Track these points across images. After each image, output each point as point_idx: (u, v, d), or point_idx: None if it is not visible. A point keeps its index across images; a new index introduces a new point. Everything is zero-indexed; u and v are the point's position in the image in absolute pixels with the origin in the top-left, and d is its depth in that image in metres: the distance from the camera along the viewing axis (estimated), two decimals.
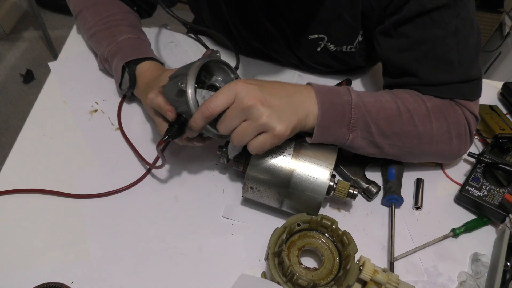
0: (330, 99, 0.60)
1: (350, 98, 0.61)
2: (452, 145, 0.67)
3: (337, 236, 0.62)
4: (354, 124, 0.61)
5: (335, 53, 0.79)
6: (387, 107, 0.63)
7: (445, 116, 0.66)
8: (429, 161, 0.74)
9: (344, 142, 0.62)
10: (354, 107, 0.61)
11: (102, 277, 0.59)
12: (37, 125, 0.75)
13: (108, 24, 0.78)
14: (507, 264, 0.61)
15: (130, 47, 0.75)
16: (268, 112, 0.54)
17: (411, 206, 0.71)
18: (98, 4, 0.80)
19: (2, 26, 2.17)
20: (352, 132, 0.61)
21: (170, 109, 0.59)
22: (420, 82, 0.67)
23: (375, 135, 0.62)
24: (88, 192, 0.67)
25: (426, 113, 0.65)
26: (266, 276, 0.59)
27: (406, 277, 0.62)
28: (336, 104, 0.60)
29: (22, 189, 0.66)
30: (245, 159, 0.64)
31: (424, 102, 0.66)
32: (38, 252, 0.61)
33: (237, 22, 0.81)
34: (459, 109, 0.67)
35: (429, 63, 0.66)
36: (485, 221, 0.68)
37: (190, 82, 0.56)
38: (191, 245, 0.63)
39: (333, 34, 0.76)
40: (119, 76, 0.74)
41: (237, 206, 0.68)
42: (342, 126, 0.60)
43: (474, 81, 0.67)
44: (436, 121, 0.65)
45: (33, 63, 2.10)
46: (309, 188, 0.60)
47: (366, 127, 0.62)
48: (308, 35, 0.77)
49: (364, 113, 0.61)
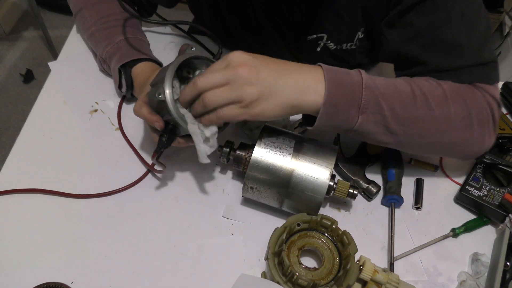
0: (339, 77, 0.57)
1: (361, 79, 0.57)
2: (474, 133, 0.62)
3: (337, 236, 0.62)
4: (365, 106, 0.56)
5: (335, 52, 0.79)
6: (401, 89, 0.60)
7: (464, 98, 0.61)
8: (451, 155, 0.67)
9: (353, 125, 0.58)
10: (365, 88, 0.57)
11: (102, 277, 0.59)
12: (37, 125, 0.75)
13: (107, 24, 0.78)
14: (507, 264, 0.61)
15: (127, 48, 0.75)
16: (255, 86, 0.52)
17: (411, 206, 0.71)
18: (98, 3, 0.80)
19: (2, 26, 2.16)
20: (362, 114, 0.57)
21: (156, 119, 0.58)
22: (431, 69, 0.64)
23: (389, 118, 0.58)
24: (88, 192, 0.67)
25: (443, 96, 0.60)
26: (266, 276, 0.59)
27: (406, 277, 0.62)
28: (346, 83, 0.56)
29: (22, 189, 0.66)
30: (245, 158, 0.64)
31: (440, 85, 0.62)
32: (38, 252, 0.61)
33: (236, 22, 0.81)
34: (479, 92, 0.63)
35: (437, 49, 0.63)
36: (485, 221, 0.68)
37: (167, 91, 0.55)
38: (191, 245, 0.63)
39: (332, 32, 0.75)
40: (117, 78, 0.74)
41: (237, 206, 0.68)
42: (351, 107, 0.56)
43: (489, 63, 0.64)
44: (455, 104, 0.60)
45: (33, 63, 2.10)
46: (309, 188, 0.60)
47: (379, 110, 0.57)
48: (307, 36, 0.77)
49: (376, 94, 0.57)
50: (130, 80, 0.74)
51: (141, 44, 0.78)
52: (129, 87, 0.74)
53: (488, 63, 0.64)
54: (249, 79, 0.52)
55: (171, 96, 0.56)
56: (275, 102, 0.54)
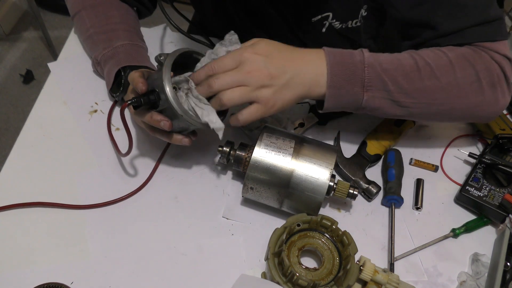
0: (341, 59, 0.60)
1: (363, 58, 0.60)
2: (486, 95, 0.63)
3: (337, 236, 0.61)
4: (368, 83, 0.60)
5: (341, 31, 0.79)
6: (405, 63, 0.61)
7: (471, 64, 0.62)
8: (469, 119, 0.69)
9: (360, 103, 0.61)
10: (368, 66, 0.60)
11: (102, 277, 0.59)
12: (37, 125, 0.75)
13: (106, 27, 0.77)
14: (507, 264, 0.61)
15: (126, 53, 0.74)
16: (269, 88, 0.57)
17: (411, 206, 0.71)
18: (96, 6, 0.79)
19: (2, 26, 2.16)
20: (367, 91, 0.60)
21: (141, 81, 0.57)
22: (438, 33, 0.65)
23: (394, 93, 0.61)
24: (90, 197, 0.66)
25: (449, 64, 0.62)
26: (266, 276, 0.59)
27: (406, 277, 0.62)
28: (348, 64, 0.60)
29: (23, 203, 0.65)
30: (245, 159, 0.64)
31: (445, 54, 0.63)
32: (38, 252, 0.61)
33: (240, 12, 0.80)
34: (486, 54, 0.63)
35: (443, 11, 0.63)
36: (485, 221, 0.68)
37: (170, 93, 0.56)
38: (191, 245, 0.63)
39: (337, 9, 0.75)
40: (111, 81, 0.74)
41: (237, 206, 0.68)
42: (355, 86, 0.60)
43: (495, 21, 0.64)
44: (462, 71, 0.62)
45: (33, 63, 2.10)
46: (309, 188, 0.60)
47: (383, 86, 0.60)
48: (311, 18, 0.76)
49: (379, 72, 0.60)
50: (127, 83, 0.72)
51: (139, 51, 0.78)
52: (124, 89, 0.73)
53: (494, 20, 0.64)
54: (264, 82, 0.57)
55: (173, 94, 0.56)
56: (287, 98, 0.59)
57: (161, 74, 0.56)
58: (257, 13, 0.79)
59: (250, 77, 0.57)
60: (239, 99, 0.57)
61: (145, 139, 0.74)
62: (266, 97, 0.58)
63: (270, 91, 0.58)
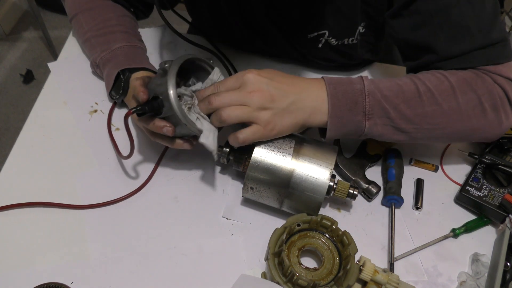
0: (341, 88, 0.60)
1: (363, 86, 0.60)
2: (488, 118, 0.63)
3: (337, 236, 0.61)
4: (370, 112, 0.60)
5: (337, 47, 0.79)
6: (406, 89, 0.61)
7: (473, 88, 0.62)
8: (471, 141, 0.71)
9: (362, 131, 0.61)
10: (368, 94, 0.60)
11: (102, 277, 0.59)
12: (37, 125, 0.75)
13: (103, 30, 0.77)
14: (507, 264, 0.61)
15: (124, 56, 0.74)
16: (269, 110, 0.57)
17: (411, 206, 0.70)
18: (93, 9, 0.79)
19: (2, 26, 2.17)
20: (369, 120, 0.60)
21: (142, 90, 0.58)
22: (441, 57, 0.64)
23: (396, 120, 0.61)
24: (90, 197, 0.67)
25: (450, 89, 0.61)
26: (266, 276, 0.59)
27: (406, 277, 0.62)
28: (348, 93, 0.60)
29: (23, 203, 0.65)
30: (245, 159, 0.64)
31: (447, 78, 0.62)
32: (38, 252, 0.61)
33: (239, 23, 0.80)
34: (488, 78, 0.63)
35: (446, 35, 0.63)
36: (485, 221, 0.68)
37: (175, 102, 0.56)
38: (191, 245, 0.63)
39: (333, 28, 0.75)
40: (111, 83, 0.74)
41: (237, 206, 0.68)
42: (357, 115, 0.60)
43: (499, 43, 0.63)
44: (463, 95, 0.61)
45: (33, 63, 2.10)
46: (309, 188, 0.60)
47: (385, 113, 0.60)
48: (308, 34, 0.76)
49: (379, 99, 0.60)
50: (127, 86, 0.73)
51: (138, 52, 0.78)
52: (123, 92, 0.73)
53: (498, 43, 0.63)
54: (264, 104, 0.57)
55: (180, 106, 0.56)
56: (287, 123, 0.59)
57: (165, 81, 0.56)
58: (254, 25, 0.79)
59: (251, 98, 0.57)
60: (238, 117, 0.57)
61: (145, 140, 0.74)
62: (265, 119, 0.58)
63: (270, 113, 0.58)
